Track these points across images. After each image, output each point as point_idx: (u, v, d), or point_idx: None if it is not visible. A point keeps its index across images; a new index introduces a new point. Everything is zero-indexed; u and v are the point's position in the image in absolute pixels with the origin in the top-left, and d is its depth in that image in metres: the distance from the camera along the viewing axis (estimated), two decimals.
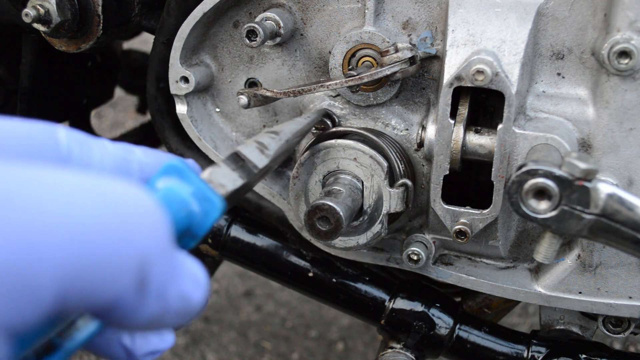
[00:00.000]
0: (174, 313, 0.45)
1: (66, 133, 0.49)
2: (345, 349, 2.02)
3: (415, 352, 1.09)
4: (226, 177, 0.58)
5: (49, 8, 1.02)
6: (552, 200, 0.75)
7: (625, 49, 0.83)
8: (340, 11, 0.97)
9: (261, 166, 0.64)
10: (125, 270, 0.40)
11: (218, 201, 0.53)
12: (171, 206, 0.50)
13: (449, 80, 0.87)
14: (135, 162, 0.53)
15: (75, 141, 0.49)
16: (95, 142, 0.51)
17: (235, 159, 0.61)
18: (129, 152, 0.53)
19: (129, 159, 0.53)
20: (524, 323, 2.13)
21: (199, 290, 0.47)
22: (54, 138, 0.48)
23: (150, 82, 1.11)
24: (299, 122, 0.83)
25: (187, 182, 0.52)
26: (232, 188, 0.57)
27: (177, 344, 1.99)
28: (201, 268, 0.48)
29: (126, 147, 0.54)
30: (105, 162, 0.51)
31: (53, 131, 0.48)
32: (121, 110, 3.16)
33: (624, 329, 1.04)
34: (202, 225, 0.52)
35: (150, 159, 0.54)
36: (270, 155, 0.67)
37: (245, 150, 0.64)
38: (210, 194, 0.52)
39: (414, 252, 1.00)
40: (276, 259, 1.14)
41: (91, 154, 0.50)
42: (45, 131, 0.48)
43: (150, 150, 0.55)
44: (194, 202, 0.52)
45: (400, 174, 0.94)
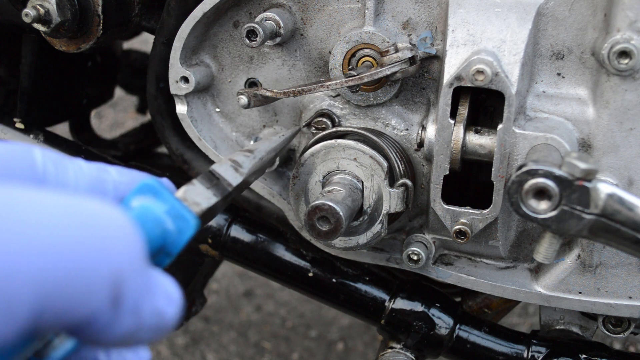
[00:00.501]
0: (148, 329, 0.46)
1: (42, 154, 0.50)
2: (345, 349, 2.02)
3: (415, 352, 1.09)
4: (200, 195, 0.59)
5: (49, 8, 1.01)
6: (552, 200, 0.75)
7: (625, 49, 0.83)
8: (340, 11, 0.97)
9: (235, 184, 0.66)
10: (99, 287, 0.42)
11: (192, 219, 0.54)
12: (145, 224, 0.52)
13: (449, 80, 0.87)
14: (110, 182, 0.54)
15: (50, 161, 0.50)
16: (70, 162, 0.52)
17: (210, 177, 0.63)
18: (103, 171, 0.54)
19: (103, 178, 0.54)
20: (524, 323, 2.13)
21: (172, 306, 0.48)
22: (30, 159, 0.49)
23: (150, 82, 1.11)
24: (274, 140, 0.86)
25: (161, 200, 0.54)
26: (206, 206, 0.59)
27: (177, 344, 1.99)
28: (174, 285, 0.49)
29: (100, 167, 0.55)
30: (80, 182, 0.52)
31: (29, 152, 0.49)
32: (121, 110, 3.16)
33: (624, 329, 1.04)
34: (176, 243, 0.54)
35: (124, 177, 0.55)
36: (244, 173, 0.70)
37: (220, 169, 0.66)
38: (185, 212, 0.54)
39: (414, 252, 1.00)
40: (276, 259, 1.14)
41: (66, 173, 0.51)
42: (22, 152, 0.49)
43: (125, 170, 0.56)
44: (168, 220, 0.53)
45: (400, 174, 0.94)
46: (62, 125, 1.43)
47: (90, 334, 0.43)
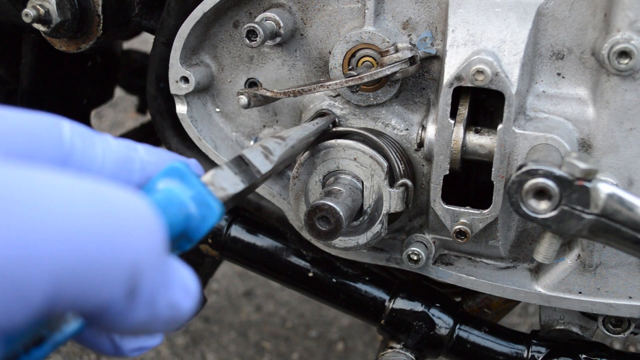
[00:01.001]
0: (163, 320, 0.46)
1: (70, 128, 0.49)
2: (345, 349, 2.02)
3: (415, 352, 1.09)
4: (228, 181, 0.58)
5: (49, 8, 1.02)
6: (552, 200, 0.75)
7: (625, 49, 0.83)
8: (340, 11, 0.97)
9: (264, 172, 0.64)
10: (116, 276, 0.41)
11: (217, 206, 0.53)
12: (169, 208, 0.50)
13: (449, 80, 0.87)
14: (138, 161, 0.53)
15: (78, 136, 0.49)
16: (98, 138, 0.51)
17: (239, 162, 0.61)
18: (132, 149, 0.53)
19: (131, 156, 0.52)
20: (524, 323, 2.13)
21: (188, 299, 0.47)
22: (57, 132, 0.48)
23: (150, 82, 1.11)
24: (307, 128, 0.83)
25: (187, 185, 0.52)
26: (233, 192, 0.57)
27: (177, 344, 1.99)
28: (193, 277, 0.48)
29: (129, 145, 0.53)
30: (107, 159, 0.51)
31: (57, 125, 0.48)
32: (121, 110, 3.16)
33: (624, 329, 1.04)
34: (199, 229, 0.53)
35: (152, 157, 0.54)
36: (275, 161, 0.68)
37: (250, 155, 0.64)
38: (210, 198, 0.53)
39: (414, 252, 1.00)
40: (276, 259, 1.14)
41: (94, 150, 0.50)
42: (50, 125, 0.48)
43: (153, 149, 0.55)
44: (193, 205, 0.52)
45: (400, 174, 0.94)
46: None
47: (103, 322, 0.43)
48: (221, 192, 0.56)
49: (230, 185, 0.57)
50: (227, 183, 0.57)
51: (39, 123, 0.47)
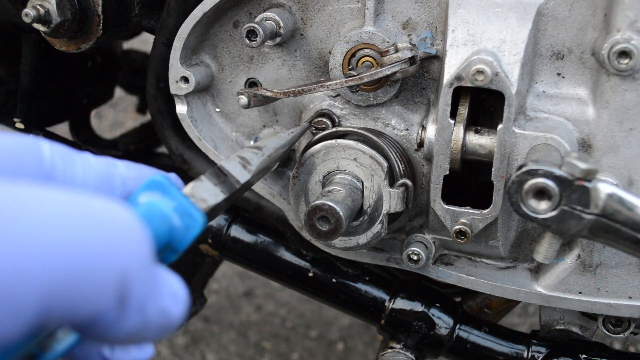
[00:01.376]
0: (154, 328, 0.46)
1: (50, 148, 0.50)
2: (345, 349, 2.02)
3: (415, 352, 1.09)
4: (208, 192, 0.59)
5: (49, 8, 1.01)
6: (552, 200, 0.74)
7: (625, 49, 0.83)
8: (340, 11, 0.97)
9: (243, 181, 0.66)
10: (106, 286, 0.41)
11: (199, 216, 0.54)
12: (153, 221, 0.51)
13: (449, 80, 0.87)
14: (118, 177, 0.54)
15: (58, 156, 0.50)
16: (78, 157, 0.52)
17: (218, 173, 0.63)
18: (112, 166, 0.54)
19: (111, 173, 0.53)
20: (524, 323, 2.13)
21: (178, 305, 0.48)
22: (37, 152, 0.49)
23: (150, 82, 1.11)
24: (282, 137, 0.85)
25: (169, 197, 0.53)
26: (214, 203, 0.59)
27: (177, 344, 1.99)
28: (181, 284, 0.49)
29: (109, 162, 0.54)
30: (88, 177, 0.51)
31: (37, 146, 0.49)
32: (121, 110, 3.16)
33: (624, 329, 1.04)
34: (183, 240, 0.53)
35: (133, 172, 0.55)
36: (253, 170, 0.69)
37: (228, 166, 0.65)
38: (192, 209, 0.54)
39: (414, 252, 1.00)
40: (276, 259, 1.14)
41: (74, 168, 0.51)
42: (29, 146, 0.48)
43: (133, 165, 0.56)
44: (176, 217, 0.53)
45: (400, 174, 0.94)
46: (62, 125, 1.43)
47: (95, 332, 0.43)
48: (202, 204, 0.58)
49: (211, 196, 0.59)
50: (207, 194, 0.59)
51: (18, 143, 0.48)
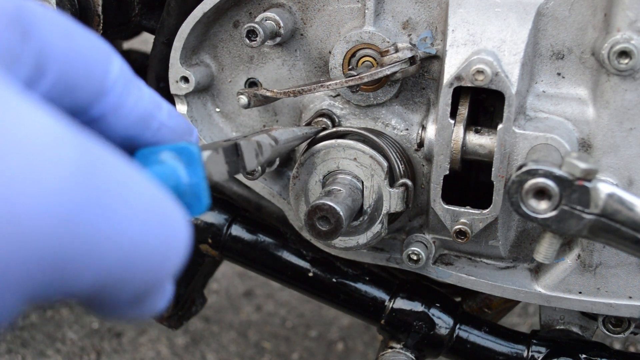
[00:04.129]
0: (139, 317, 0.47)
1: (119, 67, 0.49)
2: (345, 349, 2.02)
3: (415, 352, 1.09)
4: (217, 167, 0.57)
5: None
6: (552, 200, 0.75)
7: (625, 49, 0.83)
8: (340, 11, 0.97)
9: (249, 169, 0.65)
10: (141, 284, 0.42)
11: (205, 203, 0.53)
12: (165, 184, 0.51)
13: (449, 80, 0.87)
14: (157, 121, 0.53)
15: (121, 79, 0.49)
16: (136, 87, 0.51)
17: (233, 151, 0.61)
18: (157, 107, 0.53)
19: (154, 114, 0.53)
20: (524, 323, 2.13)
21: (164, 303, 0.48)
22: (106, 68, 0.48)
23: (150, 82, 1.11)
24: (296, 135, 0.84)
25: (191, 172, 0.52)
26: (215, 180, 0.57)
27: (177, 344, 1.99)
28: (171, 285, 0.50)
29: (157, 102, 0.53)
30: (134, 110, 0.51)
31: (109, 59, 0.48)
32: None
33: (624, 329, 1.04)
34: None
35: (171, 122, 0.54)
36: (262, 162, 0.68)
37: (245, 148, 0.64)
38: (204, 194, 0.53)
39: (414, 252, 1.00)
40: (276, 259, 1.14)
41: (128, 98, 0.50)
42: (104, 56, 0.48)
43: (175, 114, 0.55)
44: (187, 193, 0.52)
45: (400, 174, 0.94)
46: None
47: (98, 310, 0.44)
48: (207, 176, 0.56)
49: (217, 173, 0.58)
50: (215, 169, 0.57)
51: (97, 51, 0.47)
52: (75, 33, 0.45)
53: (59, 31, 0.44)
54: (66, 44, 0.44)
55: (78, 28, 0.46)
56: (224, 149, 0.59)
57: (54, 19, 0.44)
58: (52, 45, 0.43)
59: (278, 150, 0.75)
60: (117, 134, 0.51)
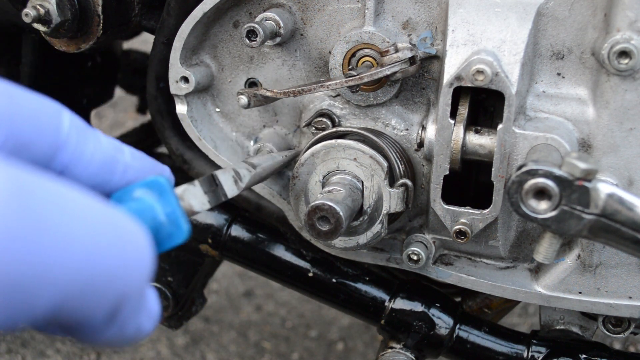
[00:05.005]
0: (125, 340, 0.48)
1: (70, 120, 0.50)
2: (345, 349, 2.02)
3: (415, 352, 1.09)
4: (196, 199, 0.60)
5: (49, 8, 1.01)
6: (552, 200, 0.75)
7: (625, 49, 0.83)
8: (340, 11, 0.97)
9: (230, 196, 0.68)
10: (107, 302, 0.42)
11: (186, 229, 0.55)
12: (142, 220, 0.52)
13: (449, 80, 0.87)
14: (122, 164, 0.54)
15: (75, 130, 0.50)
16: (92, 134, 0.52)
17: (211, 182, 0.64)
18: (119, 151, 0.54)
19: (117, 158, 0.54)
20: (524, 323, 2.13)
21: (151, 323, 0.49)
22: (57, 122, 0.49)
23: (150, 82, 1.11)
24: (276, 159, 0.87)
25: (165, 201, 0.54)
26: (198, 210, 0.60)
27: (177, 344, 1.99)
28: (157, 301, 0.51)
29: (117, 146, 0.55)
30: (95, 157, 0.52)
31: (58, 115, 0.49)
32: (121, 110, 3.16)
33: (624, 329, 1.04)
34: (162, 245, 0.54)
35: (136, 163, 0.56)
36: (242, 187, 0.72)
37: (222, 177, 0.67)
38: (182, 220, 0.55)
39: (414, 252, 1.00)
40: (276, 259, 1.14)
41: (85, 146, 0.51)
42: (52, 113, 0.49)
43: (138, 154, 0.57)
44: (165, 222, 0.54)
45: (400, 174, 0.94)
46: None
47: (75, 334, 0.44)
48: (187, 208, 0.59)
49: (198, 203, 0.60)
50: (195, 201, 0.60)
51: (43, 109, 0.48)
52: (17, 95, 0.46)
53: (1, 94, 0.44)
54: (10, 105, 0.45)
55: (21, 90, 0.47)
56: (200, 181, 0.62)
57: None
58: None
59: (259, 174, 0.79)
60: (85, 184, 0.51)
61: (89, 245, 0.40)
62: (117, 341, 0.47)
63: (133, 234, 0.44)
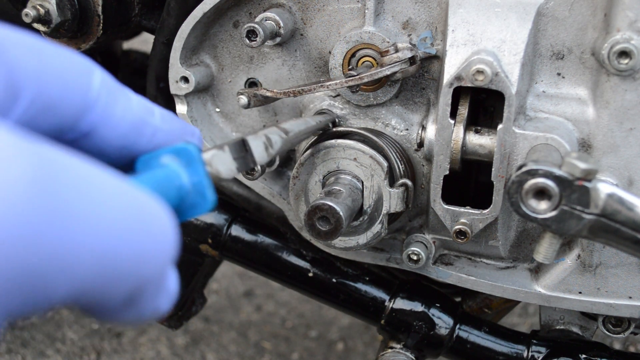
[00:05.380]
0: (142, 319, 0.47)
1: (100, 78, 0.49)
2: (345, 349, 2.02)
3: (415, 352, 1.09)
4: (225, 165, 0.57)
5: (49, 8, 1.01)
6: (552, 200, 0.75)
7: (625, 49, 0.83)
8: (340, 11, 0.97)
9: (260, 163, 0.64)
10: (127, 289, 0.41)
11: (211, 200, 0.53)
12: (168, 186, 0.50)
13: (449, 80, 0.87)
14: (151, 126, 0.53)
15: (105, 90, 0.49)
16: (122, 95, 0.51)
17: (241, 147, 0.61)
18: (149, 113, 0.53)
19: (146, 121, 0.52)
20: (524, 323, 2.13)
21: (168, 302, 0.48)
22: (88, 81, 0.48)
23: (150, 82, 1.11)
24: (309, 123, 0.83)
25: (192, 170, 0.52)
26: (225, 176, 0.57)
27: (177, 344, 1.99)
28: (176, 280, 0.49)
29: (148, 108, 0.53)
30: (124, 120, 0.50)
31: (89, 73, 0.48)
32: None
33: (624, 329, 1.04)
34: (185, 214, 0.53)
35: (166, 125, 0.54)
36: (272, 154, 0.67)
37: (253, 143, 0.63)
38: (208, 191, 0.53)
39: (414, 252, 1.00)
40: (276, 259, 1.14)
41: (115, 107, 0.50)
42: (82, 71, 0.47)
43: (168, 117, 0.55)
44: (191, 191, 0.52)
45: (400, 174, 0.94)
46: None
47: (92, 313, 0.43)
48: (215, 174, 0.56)
49: (225, 169, 0.57)
50: (223, 167, 0.57)
51: (73, 68, 0.47)
52: (47, 51, 0.45)
53: (30, 51, 0.43)
54: (39, 63, 0.43)
55: (51, 46, 0.45)
56: (229, 146, 0.58)
57: (23, 39, 0.43)
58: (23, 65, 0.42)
59: (290, 141, 0.74)
60: (112, 145, 0.50)
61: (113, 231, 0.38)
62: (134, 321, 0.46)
63: (157, 217, 0.43)
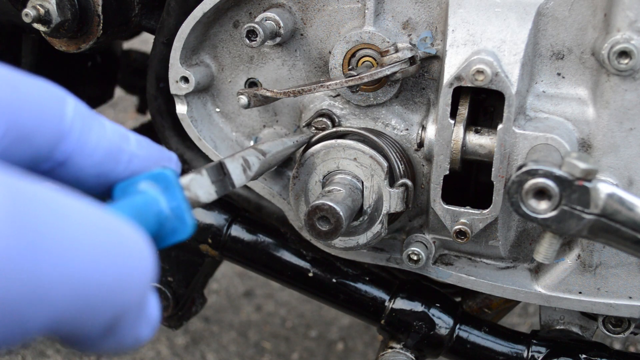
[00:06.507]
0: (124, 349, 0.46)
1: (74, 107, 0.49)
2: (345, 349, 2.02)
3: (415, 352, 1.09)
4: (203, 189, 0.57)
5: (49, 8, 1.01)
6: (552, 200, 0.75)
7: (625, 49, 0.83)
8: (340, 11, 0.97)
9: (238, 186, 0.64)
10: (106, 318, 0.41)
11: (190, 225, 0.53)
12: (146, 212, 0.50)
13: (449, 80, 0.87)
14: (127, 153, 0.52)
15: (79, 118, 0.49)
16: (96, 123, 0.51)
17: (219, 171, 0.61)
18: (124, 140, 0.53)
19: (122, 148, 0.52)
20: (524, 323, 2.13)
21: (150, 331, 0.48)
22: (61, 109, 0.47)
23: (150, 82, 1.11)
24: (286, 144, 0.83)
25: (170, 195, 0.52)
26: (204, 201, 0.57)
27: (177, 344, 1.99)
28: (157, 306, 0.49)
29: (123, 134, 0.53)
30: (99, 147, 0.50)
31: (62, 101, 0.48)
32: (121, 110, 3.16)
33: (624, 329, 1.04)
34: (164, 240, 0.53)
35: (142, 152, 0.54)
36: (250, 176, 0.68)
37: (230, 166, 0.63)
38: (187, 215, 0.52)
39: (414, 252, 1.00)
40: (276, 259, 1.14)
41: (89, 135, 0.50)
42: (56, 99, 0.47)
43: (145, 143, 0.54)
44: (170, 217, 0.52)
45: (400, 174, 0.94)
46: None
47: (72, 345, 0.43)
48: (194, 199, 0.56)
49: (204, 194, 0.57)
50: (201, 191, 0.57)
51: (47, 97, 0.47)
52: (19, 81, 0.44)
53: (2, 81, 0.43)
54: (11, 93, 0.43)
55: (23, 76, 0.45)
56: (207, 170, 0.59)
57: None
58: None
59: (268, 162, 0.75)
60: (88, 174, 0.50)
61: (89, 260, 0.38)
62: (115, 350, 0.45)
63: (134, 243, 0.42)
